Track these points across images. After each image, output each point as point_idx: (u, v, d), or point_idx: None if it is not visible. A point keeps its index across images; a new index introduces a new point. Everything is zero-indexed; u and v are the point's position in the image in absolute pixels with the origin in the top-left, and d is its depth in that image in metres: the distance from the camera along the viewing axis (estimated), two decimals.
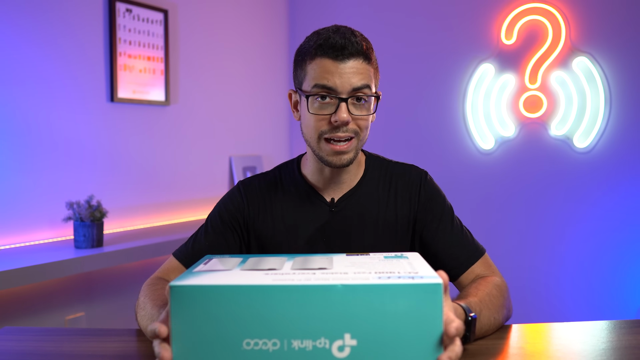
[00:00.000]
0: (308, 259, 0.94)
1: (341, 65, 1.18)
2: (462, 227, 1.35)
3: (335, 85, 1.18)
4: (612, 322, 1.20)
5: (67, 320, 2.28)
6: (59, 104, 2.36)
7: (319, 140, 1.22)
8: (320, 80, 1.19)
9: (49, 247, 2.20)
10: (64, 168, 2.38)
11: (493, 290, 1.17)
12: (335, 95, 1.19)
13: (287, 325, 0.77)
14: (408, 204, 1.33)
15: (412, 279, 0.79)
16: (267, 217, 1.33)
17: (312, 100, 1.21)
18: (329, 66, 1.18)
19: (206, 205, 3.06)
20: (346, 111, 1.18)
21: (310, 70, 1.21)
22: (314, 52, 1.20)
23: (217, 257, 1.00)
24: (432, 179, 1.38)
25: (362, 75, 1.19)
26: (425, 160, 3.27)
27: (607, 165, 3.02)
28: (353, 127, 1.21)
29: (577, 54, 3.04)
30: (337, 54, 1.18)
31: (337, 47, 1.18)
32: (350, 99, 1.19)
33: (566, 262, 3.11)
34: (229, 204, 1.36)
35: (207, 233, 1.35)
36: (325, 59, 1.19)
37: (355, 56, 1.18)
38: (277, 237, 1.32)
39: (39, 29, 2.28)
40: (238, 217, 1.34)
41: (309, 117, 1.22)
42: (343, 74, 1.18)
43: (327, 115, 1.20)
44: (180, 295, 0.78)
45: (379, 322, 0.77)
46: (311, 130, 1.23)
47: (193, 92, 3.01)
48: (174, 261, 1.34)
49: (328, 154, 1.22)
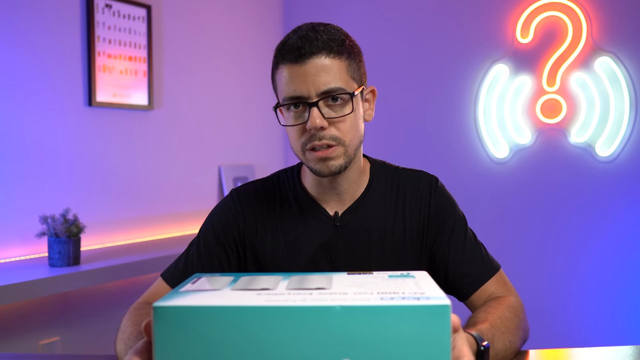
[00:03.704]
0: (305, 278, 0.95)
1: (302, 67, 1.18)
2: (476, 240, 1.35)
3: (300, 91, 1.18)
4: (638, 347, 1.20)
5: (40, 345, 2.28)
6: (32, 109, 2.36)
7: (303, 151, 1.23)
8: (287, 91, 1.20)
9: (21, 265, 2.20)
10: (37, 178, 2.38)
11: (506, 312, 1.17)
12: (305, 101, 1.19)
13: (281, 350, 0.77)
14: (417, 215, 1.33)
15: (417, 300, 0.79)
16: (265, 231, 1.32)
17: (286, 112, 1.24)
18: (291, 72, 1.19)
19: (193, 219, 3.06)
20: (319, 116, 1.18)
21: (278, 82, 1.23)
22: (276, 61, 1.23)
23: (206, 276, 1.00)
24: (443, 186, 1.38)
25: (328, 72, 1.18)
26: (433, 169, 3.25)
27: (632, 175, 3.02)
28: (332, 133, 1.20)
29: (600, 53, 3.05)
30: (296, 56, 1.18)
31: (294, 49, 1.18)
32: (322, 101, 1.19)
33: (587, 281, 3.11)
34: (222, 216, 1.35)
35: (199, 252, 1.33)
36: (286, 64, 1.20)
37: (316, 53, 1.18)
38: (277, 254, 1.31)
39: (10, 26, 2.29)
40: (233, 232, 1.33)
41: (288, 130, 1.25)
42: (306, 77, 1.17)
43: (303, 124, 1.20)
44: (165, 316, 0.79)
45: (381, 347, 0.77)
46: (294, 142, 1.25)
47: (179, 95, 3.02)
48: (162, 284, 1.32)
49: (314, 162, 1.23)
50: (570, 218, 3.14)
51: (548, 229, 3.18)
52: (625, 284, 3.04)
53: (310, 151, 1.22)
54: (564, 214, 3.15)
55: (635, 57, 3.01)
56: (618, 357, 1.15)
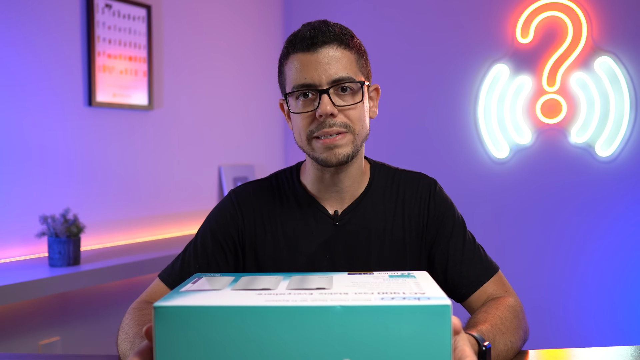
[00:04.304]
0: (305, 278, 0.95)
1: (314, 55, 1.21)
2: (475, 243, 1.36)
3: (312, 79, 1.21)
4: (638, 347, 1.20)
5: (40, 345, 2.28)
6: (32, 109, 2.36)
7: (309, 141, 1.24)
8: (298, 79, 1.22)
9: (21, 265, 2.20)
10: (38, 179, 2.38)
11: (505, 312, 1.18)
12: (315, 88, 1.21)
13: (281, 350, 0.77)
14: (417, 216, 1.33)
15: (417, 300, 0.79)
16: (264, 231, 1.33)
17: (294, 101, 1.25)
18: (302, 60, 1.22)
19: (193, 219, 3.07)
20: (329, 103, 1.20)
21: (288, 71, 1.26)
22: (287, 51, 1.27)
23: (207, 276, 1.00)
24: (442, 189, 1.39)
25: (339, 62, 1.22)
26: (433, 170, 3.26)
27: (632, 175, 3.03)
28: (342, 120, 1.22)
29: (600, 53, 3.05)
30: (308, 45, 1.22)
31: (307, 38, 1.22)
32: (332, 89, 1.21)
33: (587, 282, 3.12)
34: (220, 217, 1.35)
35: (196, 252, 1.34)
36: (297, 53, 1.23)
37: (328, 43, 1.22)
38: (277, 253, 1.31)
39: (10, 26, 2.29)
40: (232, 233, 1.33)
41: (295, 119, 1.26)
42: (318, 65, 1.21)
43: (312, 111, 1.22)
44: (165, 316, 0.79)
45: (382, 347, 0.77)
46: (300, 132, 1.25)
47: (179, 95, 3.02)
48: (159, 284, 1.33)
49: (320, 151, 1.23)
50: (570, 218, 3.14)
51: (548, 229, 3.18)
52: (625, 284, 3.05)
53: (316, 140, 1.23)
54: (564, 214, 3.15)
55: (635, 57, 3.01)
56: (618, 357, 1.15)
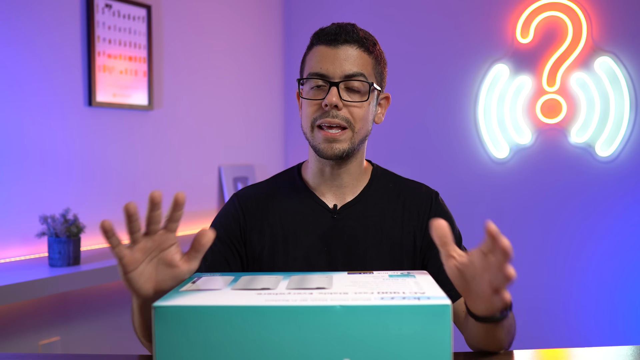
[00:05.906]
0: (305, 278, 0.95)
1: (334, 50, 1.30)
2: None
3: (327, 70, 1.29)
4: (638, 347, 1.20)
5: (40, 345, 2.28)
6: (32, 109, 2.36)
7: (312, 128, 1.31)
8: (314, 68, 1.31)
9: (21, 265, 2.20)
10: (37, 179, 2.38)
11: None
12: (328, 80, 1.29)
13: (281, 349, 0.78)
14: (415, 221, 1.36)
15: (417, 300, 0.79)
16: (264, 226, 1.36)
17: (306, 87, 1.33)
18: (323, 52, 1.31)
19: (193, 219, 3.06)
20: (336, 95, 1.27)
21: (308, 60, 1.34)
22: (311, 43, 1.35)
23: (207, 276, 1.01)
24: (443, 201, 1.42)
25: (355, 61, 1.30)
26: (433, 170, 3.28)
27: (632, 175, 3.03)
28: (345, 115, 1.29)
29: (600, 53, 3.05)
30: (331, 40, 1.30)
31: (332, 33, 1.31)
32: (343, 83, 1.29)
33: (587, 281, 3.12)
34: (224, 219, 1.38)
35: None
36: (320, 46, 1.32)
37: (349, 42, 1.30)
38: (275, 246, 1.34)
39: (10, 26, 2.29)
40: (236, 232, 1.36)
41: (304, 105, 1.34)
42: (335, 60, 1.29)
43: (319, 100, 1.29)
44: (165, 316, 0.79)
45: (382, 347, 0.77)
46: (305, 118, 1.32)
47: (179, 95, 3.02)
48: None
49: (320, 141, 1.30)
50: (570, 218, 3.14)
51: (548, 229, 3.18)
52: (625, 284, 3.05)
53: (319, 130, 1.29)
54: (564, 214, 3.15)
55: (635, 57, 3.01)
56: (618, 357, 1.15)
